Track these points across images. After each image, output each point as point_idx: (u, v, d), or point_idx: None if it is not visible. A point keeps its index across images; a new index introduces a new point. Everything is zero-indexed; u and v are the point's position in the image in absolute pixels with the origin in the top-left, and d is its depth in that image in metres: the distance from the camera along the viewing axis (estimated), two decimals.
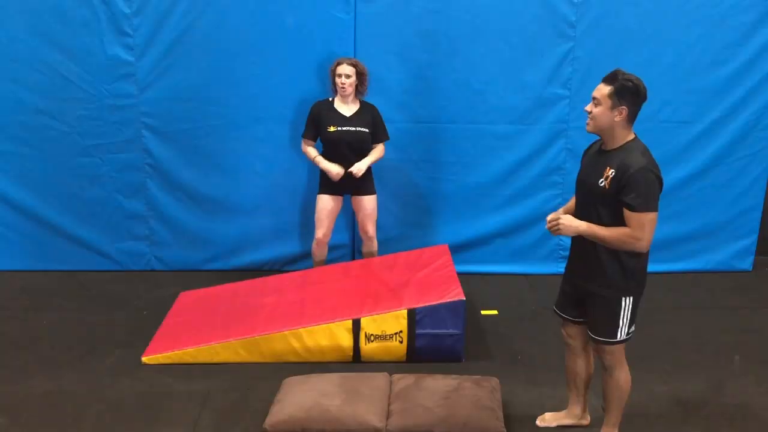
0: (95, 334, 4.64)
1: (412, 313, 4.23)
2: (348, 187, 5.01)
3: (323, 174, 4.99)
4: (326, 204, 5.01)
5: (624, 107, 3.03)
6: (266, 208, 5.56)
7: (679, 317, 4.96)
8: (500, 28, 5.19)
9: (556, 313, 3.52)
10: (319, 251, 5.17)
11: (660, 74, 5.29)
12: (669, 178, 5.45)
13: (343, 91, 4.84)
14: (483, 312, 4.99)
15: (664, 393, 3.99)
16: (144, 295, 5.23)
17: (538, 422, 3.68)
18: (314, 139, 4.98)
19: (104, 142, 5.36)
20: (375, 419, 3.52)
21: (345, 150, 4.89)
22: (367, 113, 4.94)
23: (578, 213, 3.21)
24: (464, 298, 4.24)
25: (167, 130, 5.36)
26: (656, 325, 4.84)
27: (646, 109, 5.36)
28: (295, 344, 4.26)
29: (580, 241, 3.19)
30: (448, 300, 4.23)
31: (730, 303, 5.22)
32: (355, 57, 5.16)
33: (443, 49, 5.23)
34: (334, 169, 4.86)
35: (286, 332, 4.25)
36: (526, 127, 5.40)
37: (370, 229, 5.11)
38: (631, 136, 3.11)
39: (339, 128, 4.85)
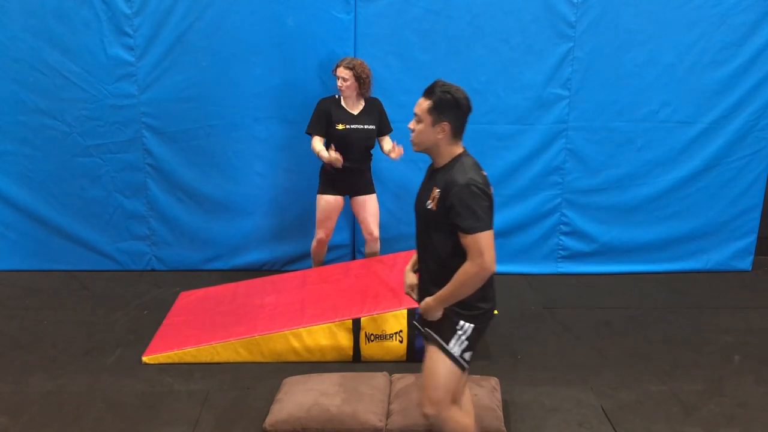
0: (95, 334, 4.64)
1: (412, 313, 4.23)
2: (348, 189, 5.01)
3: (323, 174, 4.99)
4: (328, 204, 5.00)
5: (446, 123, 2.76)
6: (266, 208, 5.57)
7: (679, 317, 4.97)
8: (500, 28, 5.20)
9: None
10: (320, 251, 5.17)
11: (660, 74, 5.30)
12: (669, 178, 5.52)
13: (342, 93, 4.85)
14: None
15: (664, 393, 3.99)
16: (144, 295, 5.23)
17: None
18: (322, 134, 4.87)
19: (105, 142, 5.37)
20: (375, 419, 3.52)
21: (352, 147, 4.88)
22: (373, 109, 4.93)
23: (417, 241, 2.95)
24: None
25: (167, 131, 5.36)
26: (656, 325, 4.85)
27: (645, 108, 5.46)
28: (295, 344, 4.26)
29: (423, 269, 2.93)
30: None
31: (730, 303, 5.22)
32: (354, 57, 5.16)
33: (443, 49, 5.23)
34: (335, 155, 4.69)
35: (286, 332, 4.26)
36: (526, 127, 5.40)
37: (375, 229, 5.10)
38: (459, 151, 2.83)
39: (348, 126, 4.85)
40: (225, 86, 5.27)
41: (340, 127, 4.84)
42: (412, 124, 2.83)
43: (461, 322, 2.85)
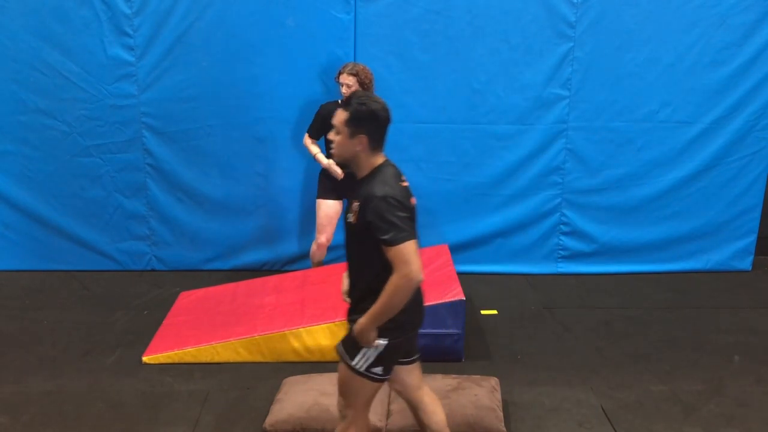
0: (95, 334, 4.64)
1: None
2: (347, 192, 5.00)
3: (322, 179, 4.98)
4: (328, 209, 4.99)
5: (363, 135, 2.69)
6: (266, 208, 5.57)
7: (679, 317, 4.97)
8: (500, 28, 5.20)
9: None
10: (319, 254, 5.16)
11: (660, 74, 5.30)
12: (669, 178, 5.52)
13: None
14: (483, 312, 4.99)
15: (664, 393, 3.99)
16: (144, 295, 5.23)
17: None
18: (318, 138, 4.96)
19: (105, 142, 5.37)
20: (375, 419, 3.52)
21: None
22: None
23: (346, 254, 2.88)
24: (464, 298, 4.24)
25: (167, 131, 5.37)
26: (656, 325, 4.85)
27: (645, 108, 5.47)
28: (295, 344, 4.26)
29: (351, 282, 2.87)
30: (448, 300, 4.23)
31: (730, 303, 5.22)
32: (354, 57, 5.17)
33: (443, 49, 5.23)
34: (339, 169, 4.84)
35: (286, 332, 4.26)
36: (526, 127, 5.40)
37: None
38: (379, 161, 2.76)
39: None
40: (225, 86, 5.27)
41: None
42: (331, 135, 2.77)
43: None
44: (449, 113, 5.37)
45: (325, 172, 4.94)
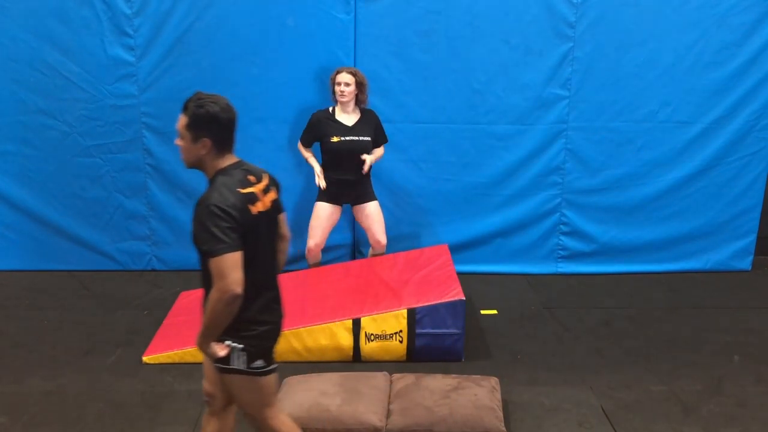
0: (95, 334, 4.65)
1: (412, 313, 4.23)
2: (347, 198, 4.99)
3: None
4: (323, 212, 4.98)
5: (206, 139, 2.56)
6: None
7: (679, 317, 4.97)
8: (500, 28, 5.20)
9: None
10: (311, 257, 5.14)
11: (660, 74, 5.31)
12: (669, 178, 5.52)
13: (342, 98, 4.82)
14: (483, 312, 5.00)
15: (664, 393, 3.99)
16: (144, 295, 5.24)
17: None
18: (310, 146, 5.02)
19: (105, 143, 5.37)
20: (375, 418, 3.53)
21: (347, 159, 4.87)
22: (369, 121, 4.93)
23: None
24: (464, 298, 4.24)
25: (168, 131, 5.36)
26: (656, 324, 4.85)
27: (645, 108, 5.47)
28: (295, 344, 4.26)
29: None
30: (448, 300, 4.24)
31: (730, 303, 5.22)
32: (354, 57, 5.18)
33: (443, 49, 5.23)
34: (323, 181, 4.91)
35: (286, 332, 4.24)
36: (525, 127, 5.40)
37: (382, 237, 5.06)
38: (224, 164, 2.64)
39: (342, 138, 4.83)
40: (225, 86, 5.25)
41: (335, 139, 4.83)
42: (177, 141, 2.65)
43: (227, 342, 2.67)
44: (449, 113, 5.37)
45: (325, 176, 4.93)
